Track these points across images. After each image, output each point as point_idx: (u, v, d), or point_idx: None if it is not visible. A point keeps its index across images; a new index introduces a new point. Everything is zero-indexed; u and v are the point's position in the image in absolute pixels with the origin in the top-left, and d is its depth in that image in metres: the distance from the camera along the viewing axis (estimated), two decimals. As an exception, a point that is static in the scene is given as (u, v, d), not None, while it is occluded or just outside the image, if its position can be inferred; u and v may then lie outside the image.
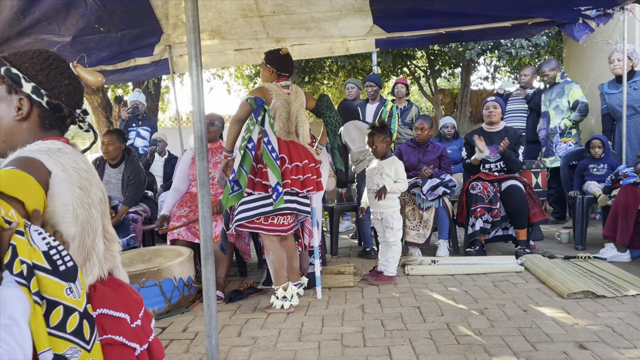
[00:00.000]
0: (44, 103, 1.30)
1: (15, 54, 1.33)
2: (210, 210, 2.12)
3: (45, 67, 1.31)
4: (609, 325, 2.67)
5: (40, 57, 1.32)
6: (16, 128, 1.30)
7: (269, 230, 3.18)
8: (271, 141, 3.06)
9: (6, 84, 1.29)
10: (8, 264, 0.97)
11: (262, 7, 3.62)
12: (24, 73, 1.29)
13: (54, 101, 1.31)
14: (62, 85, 1.33)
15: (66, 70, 1.35)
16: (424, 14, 3.71)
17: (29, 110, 1.30)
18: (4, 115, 1.29)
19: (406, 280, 3.81)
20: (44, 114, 1.31)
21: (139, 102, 6.52)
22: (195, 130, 2.10)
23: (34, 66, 1.30)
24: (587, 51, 7.31)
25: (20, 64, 1.30)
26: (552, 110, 5.77)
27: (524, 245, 4.34)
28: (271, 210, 3.11)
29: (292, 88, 3.38)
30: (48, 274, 1.02)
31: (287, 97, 3.30)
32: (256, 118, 3.07)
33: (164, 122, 15.32)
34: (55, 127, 1.35)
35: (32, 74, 1.29)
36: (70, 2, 3.15)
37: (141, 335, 1.31)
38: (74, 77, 1.36)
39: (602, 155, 4.90)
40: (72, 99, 1.36)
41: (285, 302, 3.16)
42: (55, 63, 1.33)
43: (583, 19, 3.57)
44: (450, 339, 2.58)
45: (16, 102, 1.29)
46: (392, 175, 3.73)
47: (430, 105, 13.97)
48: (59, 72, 1.33)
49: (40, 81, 1.30)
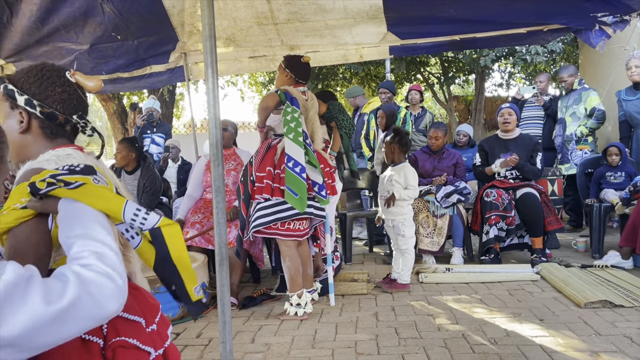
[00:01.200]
0: (37, 113, 1.35)
1: (16, 72, 1.42)
2: (225, 217, 2.13)
3: (37, 79, 1.37)
4: (627, 335, 2.63)
5: (34, 70, 1.39)
6: (23, 141, 1.37)
7: (286, 235, 3.18)
8: (310, 142, 3.12)
9: (9, 101, 1.36)
10: None
11: (277, 15, 3.64)
12: (18, 87, 1.35)
13: (47, 110, 1.36)
14: (56, 93, 1.38)
15: (59, 79, 1.40)
16: (438, 21, 3.70)
17: (28, 122, 1.36)
18: (11, 130, 1.36)
19: (420, 288, 3.78)
20: (43, 124, 1.37)
21: (153, 109, 6.58)
22: (211, 136, 2.11)
23: (27, 79, 1.37)
24: (604, 58, 7.24)
25: (16, 80, 1.37)
26: (568, 117, 5.72)
27: (540, 254, 4.28)
28: (289, 216, 3.11)
29: (308, 94, 3.42)
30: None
31: (305, 103, 3.33)
32: (297, 107, 3.09)
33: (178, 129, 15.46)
34: (60, 136, 1.40)
35: (26, 87, 1.36)
36: (88, 10, 3.20)
37: (156, 340, 1.31)
38: (68, 84, 1.41)
39: (619, 163, 4.84)
40: (67, 106, 1.40)
41: (299, 310, 3.15)
42: (48, 73, 1.39)
43: (599, 25, 3.53)
44: (465, 348, 2.55)
45: (17, 116, 1.36)
46: (401, 182, 3.70)
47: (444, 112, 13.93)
48: (51, 81, 1.38)
49: (34, 92, 1.36)
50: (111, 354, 1.20)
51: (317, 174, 3.15)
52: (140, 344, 1.25)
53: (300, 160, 2.99)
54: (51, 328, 0.84)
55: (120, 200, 1.16)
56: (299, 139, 3.00)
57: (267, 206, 3.15)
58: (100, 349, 1.19)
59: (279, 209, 3.13)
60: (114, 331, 1.21)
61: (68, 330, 0.87)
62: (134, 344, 1.23)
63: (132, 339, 1.23)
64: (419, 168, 4.74)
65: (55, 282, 0.88)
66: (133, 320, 1.26)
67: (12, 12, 3.12)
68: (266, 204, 3.15)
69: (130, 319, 1.26)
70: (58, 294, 0.85)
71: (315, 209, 3.24)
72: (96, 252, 0.99)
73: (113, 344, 1.20)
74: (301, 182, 2.97)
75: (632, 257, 4.02)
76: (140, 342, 1.25)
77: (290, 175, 2.98)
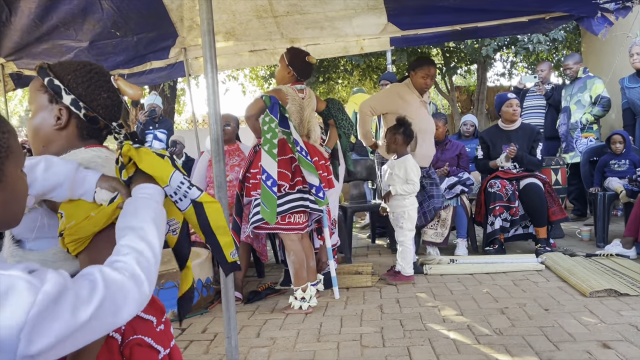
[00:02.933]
0: (81, 115, 1.33)
1: (60, 65, 1.37)
2: (227, 212, 2.13)
3: (86, 80, 1.34)
4: (633, 324, 2.62)
5: (83, 70, 1.36)
6: (55, 136, 1.34)
7: (288, 229, 3.19)
8: (303, 146, 3.08)
9: (48, 94, 1.33)
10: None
11: (276, 7, 3.62)
12: (65, 85, 1.32)
13: (91, 114, 1.34)
14: (101, 98, 1.36)
15: (106, 84, 1.38)
16: (439, 10, 3.67)
17: (67, 120, 1.33)
18: (44, 123, 1.34)
19: (425, 279, 3.78)
20: (82, 125, 1.35)
21: (155, 105, 6.58)
22: (212, 132, 2.11)
23: (75, 79, 1.33)
24: (607, 45, 7.19)
25: (63, 76, 1.33)
26: (573, 105, 5.68)
27: (544, 244, 4.28)
28: (287, 209, 3.13)
29: (306, 92, 3.41)
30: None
31: (301, 102, 3.33)
32: (275, 116, 3.02)
33: (180, 124, 15.46)
34: (93, 137, 1.39)
35: (73, 87, 1.33)
36: (87, 7, 3.19)
37: (165, 339, 1.33)
38: (113, 90, 1.40)
39: (624, 151, 4.81)
40: (109, 112, 1.39)
41: (304, 303, 3.15)
42: (97, 77, 1.37)
43: (602, 12, 3.49)
44: (470, 339, 2.55)
45: (56, 112, 1.33)
46: (401, 175, 3.67)
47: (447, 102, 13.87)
48: (98, 85, 1.36)
49: (80, 94, 1.33)
50: (128, 352, 1.21)
51: (313, 177, 3.12)
52: (154, 342, 1.27)
53: (272, 173, 2.95)
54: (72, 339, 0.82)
55: (169, 168, 1.22)
56: (273, 151, 2.97)
57: None
58: (118, 346, 1.20)
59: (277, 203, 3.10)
60: (131, 329, 1.22)
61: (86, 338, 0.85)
62: (148, 342, 1.25)
63: (147, 337, 1.25)
64: (422, 159, 4.72)
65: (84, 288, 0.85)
66: (147, 320, 1.28)
67: (11, 11, 3.11)
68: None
69: (145, 318, 1.27)
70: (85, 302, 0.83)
71: (310, 202, 3.24)
72: (138, 252, 0.99)
73: (131, 341, 1.22)
74: (271, 196, 2.93)
75: (634, 247, 4.02)
76: (153, 341, 1.26)
77: (264, 188, 2.95)
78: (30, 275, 0.79)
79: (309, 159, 3.08)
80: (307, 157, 3.07)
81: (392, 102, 3.98)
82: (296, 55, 3.38)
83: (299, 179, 3.15)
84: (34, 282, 0.79)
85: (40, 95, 1.34)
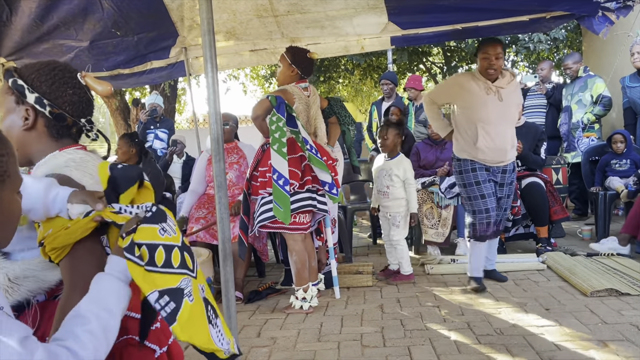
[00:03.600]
0: (46, 112, 1.32)
1: (25, 66, 1.37)
2: (228, 212, 2.13)
3: (49, 78, 1.34)
4: (634, 323, 2.62)
5: (46, 68, 1.35)
6: (26, 138, 1.33)
7: (293, 229, 3.18)
8: (313, 144, 3.10)
9: (14, 95, 1.32)
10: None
11: (277, 6, 3.61)
12: (29, 84, 1.32)
13: (57, 110, 1.33)
14: (66, 95, 1.35)
15: (71, 80, 1.37)
16: (440, 9, 3.67)
17: (34, 120, 1.33)
18: (13, 125, 1.33)
19: (425, 279, 3.78)
20: (49, 124, 1.34)
21: (156, 105, 6.57)
22: (212, 131, 2.11)
23: (39, 77, 1.33)
24: (608, 44, 7.17)
25: (27, 76, 1.33)
26: (574, 104, 5.67)
27: (545, 243, 4.27)
28: (293, 209, 3.08)
29: (311, 89, 3.42)
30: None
31: (307, 100, 3.34)
32: (282, 115, 3.02)
33: (181, 124, 15.45)
34: (65, 136, 1.37)
35: (37, 85, 1.32)
36: (87, 7, 3.19)
37: (161, 337, 1.33)
38: (79, 86, 1.39)
39: (625, 150, 4.80)
40: (76, 109, 1.38)
41: (305, 303, 3.16)
42: (60, 74, 1.36)
43: (602, 11, 3.49)
44: (471, 339, 2.55)
45: (23, 112, 1.32)
46: (400, 175, 3.69)
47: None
48: (63, 82, 1.35)
49: (44, 91, 1.32)
50: (119, 352, 1.21)
51: (325, 174, 3.13)
52: (147, 341, 1.26)
53: (284, 172, 2.97)
54: None
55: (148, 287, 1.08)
56: (283, 150, 2.98)
57: (270, 201, 3.11)
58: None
59: None
60: (122, 329, 1.22)
61: None
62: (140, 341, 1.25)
63: (139, 337, 1.24)
64: (422, 159, 4.72)
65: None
66: (139, 319, 1.27)
67: (11, 10, 3.11)
68: (269, 199, 3.12)
69: (137, 318, 1.27)
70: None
71: (318, 202, 3.24)
72: (95, 347, 0.98)
73: (121, 342, 1.21)
74: (284, 195, 2.95)
75: (629, 245, 4.03)
76: (146, 340, 1.26)
77: (276, 188, 2.96)
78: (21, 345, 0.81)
79: (319, 157, 3.08)
80: (318, 154, 3.08)
81: (451, 92, 3.68)
82: (298, 53, 3.38)
83: (308, 178, 3.15)
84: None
85: (7, 97, 1.34)
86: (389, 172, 3.72)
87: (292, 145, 3.14)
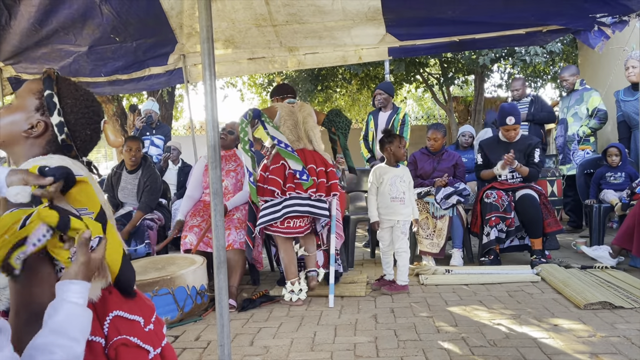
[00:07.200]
0: (59, 139, 1.33)
1: (67, 83, 1.36)
2: (223, 219, 2.12)
3: (81, 112, 1.35)
4: (627, 336, 2.62)
5: (85, 101, 1.36)
6: (19, 139, 1.34)
7: (286, 232, 3.48)
8: (282, 140, 3.46)
9: (40, 103, 1.32)
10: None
11: (275, 16, 3.64)
12: (61, 106, 1.32)
13: (69, 142, 1.34)
14: (85, 134, 1.37)
15: (95, 124, 1.39)
16: (437, 22, 3.70)
17: (41, 134, 1.33)
18: (15, 125, 1.33)
19: (419, 289, 3.78)
20: (52, 144, 1.35)
21: (152, 111, 6.57)
22: (209, 139, 2.11)
23: (73, 106, 1.34)
24: (603, 58, 7.24)
25: (64, 96, 1.33)
26: (570, 117, 5.71)
27: (540, 255, 4.27)
28: (284, 214, 3.39)
29: (298, 103, 3.75)
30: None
31: (291, 108, 3.64)
32: (245, 118, 3.45)
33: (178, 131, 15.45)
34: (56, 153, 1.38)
35: (68, 111, 1.33)
36: (87, 12, 3.20)
37: (154, 339, 1.33)
38: (98, 131, 1.41)
39: (619, 164, 4.83)
40: (84, 147, 1.40)
41: (293, 295, 3.47)
42: (91, 114, 1.38)
43: (598, 26, 3.53)
44: (464, 350, 2.54)
45: (34, 121, 1.32)
46: (407, 181, 3.79)
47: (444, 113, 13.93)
48: (90, 122, 1.38)
49: (69, 120, 1.34)
50: (114, 353, 1.21)
51: (295, 163, 3.42)
52: (141, 342, 1.27)
53: (248, 166, 3.46)
54: None
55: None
56: (246, 147, 3.41)
57: (265, 207, 3.48)
58: (102, 348, 1.20)
59: (273, 210, 3.44)
60: (115, 330, 1.22)
61: None
62: (135, 342, 1.26)
63: (133, 337, 1.26)
64: (419, 169, 4.74)
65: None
66: (133, 320, 1.28)
67: (10, 14, 3.12)
68: (265, 205, 3.48)
69: (130, 319, 1.28)
70: None
71: (315, 208, 3.46)
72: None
73: (115, 342, 1.22)
74: (251, 187, 3.47)
75: (618, 258, 4.05)
76: (140, 341, 1.27)
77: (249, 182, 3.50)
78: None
79: (289, 150, 3.42)
80: (287, 148, 3.43)
81: None
82: (272, 91, 4.00)
83: (291, 185, 3.41)
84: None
85: (31, 99, 1.33)
86: (403, 178, 3.74)
87: (277, 156, 3.50)
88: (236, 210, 3.85)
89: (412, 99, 21.29)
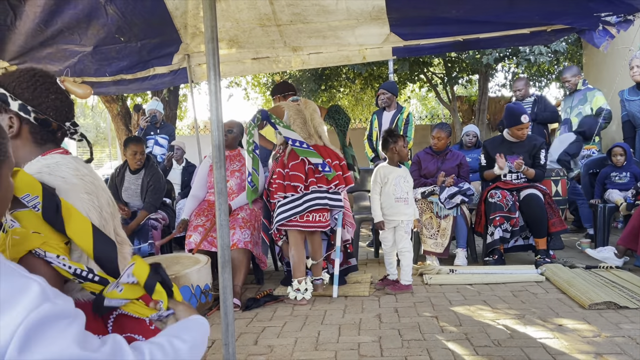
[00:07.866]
0: (31, 119, 1.33)
1: (3, 75, 1.38)
2: (228, 219, 2.13)
3: (31, 85, 1.35)
4: (632, 337, 2.62)
5: (26, 75, 1.36)
6: (15, 148, 1.34)
7: (304, 226, 3.53)
8: (296, 138, 3.53)
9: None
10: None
11: (280, 16, 3.64)
12: (10, 92, 1.33)
13: (42, 116, 1.34)
14: (49, 100, 1.37)
15: (52, 86, 1.39)
16: (441, 21, 3.69)
17: (19, 127, 1.34)
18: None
19: (423, 289, 3.78)
20: (34, 130, 1.35)
21: (156, 111, 6.59)
22: (213, 138, 2.11)
23: (20, 84, 1.34)
24: (608, 58, 7.22)
25: (7, 84, 1.34)
26: (574, 117, 5.69)
27: (544, 255, 4.27)
28: (305, 208, 3.48)
29: (301, 100, 3.79)
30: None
31: (297, 107, 3.70)
32: (253, 122, 3.54)
33: (182, 130, 15.48)
34: (49, 141, 1.39)
35: (19, 92, 1.33)
36: (92, 12, 3.21)
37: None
38: (61, 91, 1.40)
39: (624, 163, 4.82)
40: (60, 113, 1.39)
41: (299, 294, 3.49)
42: (41, 80, 1.37)
43: (603, 25, 3.51)
44: (469, 350, 2.54)
45: (7, 121, 1.33)
46: (409, 180, 3.82)
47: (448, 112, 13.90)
48: (45, 88, 1.36)
49: (27, 98, 1.34)
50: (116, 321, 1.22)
51: (315, 157, 3.51)
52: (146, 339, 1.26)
53: (249, 167, 3.54)
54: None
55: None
56: (249, 149, 3.51)
57: (285, 203, 3.53)
58: None
59: (296, 204, 3.49)
60: (120, 328, 1.23)
61: None
62: (139, 339, 1.25)
63: (138, 335, 1.25)
64: (423, 169, 4.74)
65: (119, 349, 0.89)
66: (137, 318, 1.28)
67: (15, 15, 3.13)
68: (284, 201, 3.54)
69: (135, 317, 1.27)
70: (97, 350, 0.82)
71: (330, 200, 3.56)
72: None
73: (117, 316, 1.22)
74: (248, 188, 3.59)
75: (624, 258, 4.03)
76: (145, 338, 1.26)
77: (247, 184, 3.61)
78: (49, 287, 0.79)
79: (306, 147, 3.50)
80: (302, 146, 3.51)
81: None
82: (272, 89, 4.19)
83: (313, 180, 3.50)
84: (48, 292, 0.78)
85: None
86: (406, 178, 3.75)
87: (293, 153, 3.57)
88: (241, 209, 3.86)
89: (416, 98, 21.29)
